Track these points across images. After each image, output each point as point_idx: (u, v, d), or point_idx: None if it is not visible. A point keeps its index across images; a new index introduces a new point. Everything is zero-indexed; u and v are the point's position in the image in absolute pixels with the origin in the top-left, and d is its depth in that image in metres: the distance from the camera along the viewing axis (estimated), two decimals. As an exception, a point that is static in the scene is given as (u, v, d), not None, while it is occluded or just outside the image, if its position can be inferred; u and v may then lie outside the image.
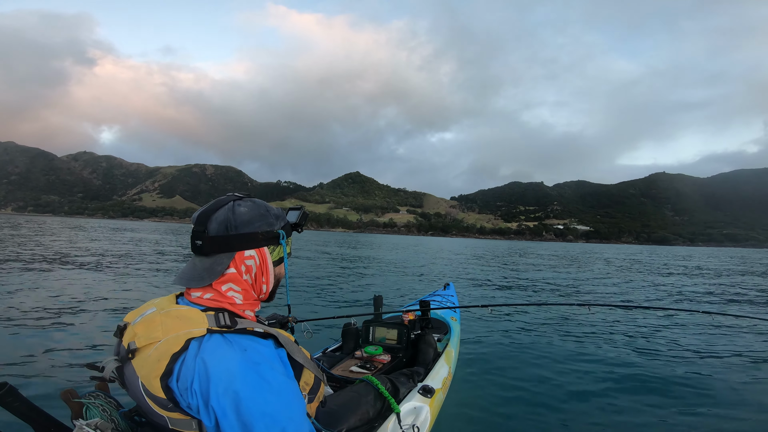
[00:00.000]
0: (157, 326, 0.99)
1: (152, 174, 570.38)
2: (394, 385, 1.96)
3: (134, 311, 1.11)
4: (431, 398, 2.10)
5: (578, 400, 3.39)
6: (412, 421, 1.87)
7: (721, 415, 3.20)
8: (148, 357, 0.96)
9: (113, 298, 6.81)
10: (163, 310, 1.04)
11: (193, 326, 0.98)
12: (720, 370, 4.28)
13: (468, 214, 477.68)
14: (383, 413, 1.73)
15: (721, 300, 10.00)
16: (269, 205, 1.20)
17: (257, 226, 1.12)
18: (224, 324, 1.01)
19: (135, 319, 1.05)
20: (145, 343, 0.97)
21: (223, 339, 0.97)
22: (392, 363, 2.51)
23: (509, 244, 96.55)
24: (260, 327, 1.04)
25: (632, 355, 4.73)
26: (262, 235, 1.12)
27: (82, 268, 10.29)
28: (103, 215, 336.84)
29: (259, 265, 1.13)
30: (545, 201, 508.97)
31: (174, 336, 0.96)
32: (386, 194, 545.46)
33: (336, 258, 19.08)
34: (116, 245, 19.51)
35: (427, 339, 2.70)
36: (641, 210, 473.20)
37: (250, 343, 0.98)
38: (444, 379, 2.49)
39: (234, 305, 1.09)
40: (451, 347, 2.99)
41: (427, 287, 9.93)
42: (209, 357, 0.92)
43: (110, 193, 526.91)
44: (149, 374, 0.94)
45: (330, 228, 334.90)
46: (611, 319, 6.78)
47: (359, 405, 1.65)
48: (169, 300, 1.12)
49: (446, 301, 4.18)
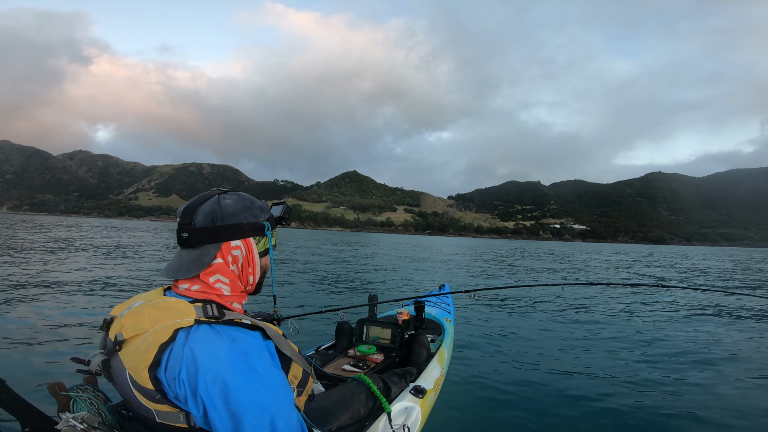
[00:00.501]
0: (145, 317, 0.99)
1: (148, 173, 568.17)
2: (386, 384, 1.96)
3: (121, 304, 1.11)
4: (423, 399, 2.10)
5: (571, 402, 3.40)
6: (402, 421, 1.87)
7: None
8: (135, 348, 0.95)
9: (102, 291, 6.78)
10: (150, 301, 1.05)
11: (181, 317, 0.98)
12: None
13: (465, 214, 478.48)
14: (374, 412, 1.74)
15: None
16: (254, 198, 1.22)
17: (243, 217, 1.14)
18: (212, 315, 1.02)
19: (122, 312, 1.05)
20: (133, 334, 0.97)
21: (211, 329, 0.97)
22: (385, 362, 2.51)
23: (506, 243, 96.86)
24: (248, 319, 1.05)
25: (631, 357, 4.74)
26: (247, 226, 1.14)
27: (72, 263, 10.25)
28: (99, 214, 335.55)
29: (245, 255, 1.15)
30: (542, 200, 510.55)
31: (162, 326, 0.96)
32: (383, 193, 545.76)
33: (331, 257, 19.05)
34: (109, 243, 19.42)
35: (420, 339, 2.70)
36: (637, 209, 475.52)
37: (239, 334, 0.99)
38: (436, 379, 2.49)
39: (222, 296, 1.11)
40: (444, 348, 2.99)
41: (422, 287, 9.92)
42: (197, 346, 0.92)
43: (106, 192, 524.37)
44: (137, 365, 0.94)
45: (327, 227, 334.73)
46: (612, 318, 6.86)
47: (351, 403, 1.65)
48: (157, 293, 1.13)
49: (441, 302, 4.19)
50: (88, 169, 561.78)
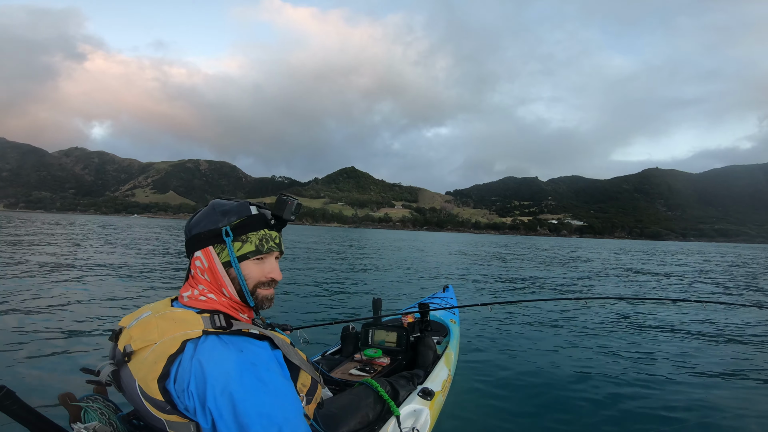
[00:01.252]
0: (153, 329, 1.00)
1: (145, 169, 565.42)
2: (393, 387, 1.95)
3: (129, 315, 1.11)
4: (431, 401, 2.10)
5: (580, 400, 3.39)
6: (411, 423, 1.87)
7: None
8: (144, 359, 0.96)
9: (110, 300, 6.77)
10: (158, 313, 1.05)
11: (188, 328, 0.98)
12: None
13: (463, 209, 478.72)
14: (383, 416, 1.73)
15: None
16: (228, 202, 1.16)
17: (202, 226, 1.12)
18: (220, 325, 1.02)
19: (130, 323, 1.06)
20: (142, 346, 0.98)
21: (218, 340, 0.97)
22: (392, 366, 2.50)
23: (505, 239, 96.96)
24: (255, 329, 1.05)
25: (637, 354, 4.76)
26: (203, 235, 1.12)
27: (79, 269, 10.21)
28: (95, 211, 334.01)
29: (207, 267, 1.12)
30: (539, 196, 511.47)
31: (170, 338, 0.96)
32: (381, 189, 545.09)
33: (333, 258, 19.05)
34: (111, 243, 19.36)
35: (426, 341, 2.69)
36: (634, 205, 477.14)
37: (246, 344, 0.99)
38: (444, 381, 2.48)
39: (226, 308, 1.11)
40: (450, 350, 3.00)
41: (425, 290, 9.93)
42: (205, 358, 0.92)
43: (102, 188, 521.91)
44: (146, 376, 0.94)
45: (325, 223, 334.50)
46: (611, 316, 6.84)
47: (359, 408, 1.65)
48: (164, 304, 1.13)
49: (445, 303, 4.18)
50: (84, 166, 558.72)
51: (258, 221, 1.15)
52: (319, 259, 16.90)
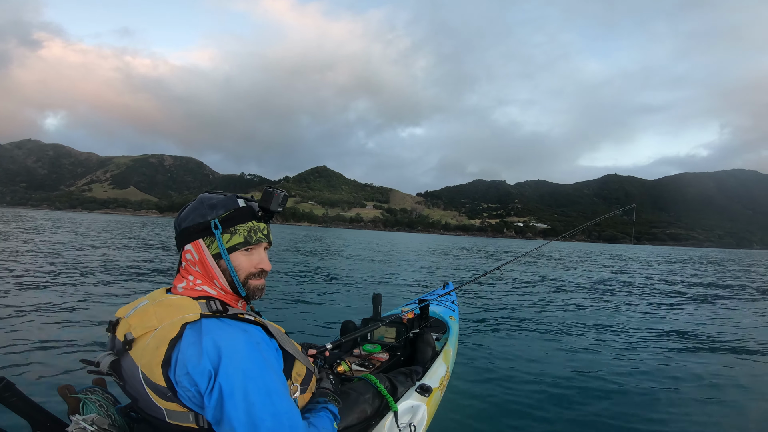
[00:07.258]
0: (152, 316, 1.01)
1: (104, 164, 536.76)
2: (392, 383, 1.96)
3: (125, 306, 1.13)
4: (429, 397, 2.11)
5: (579, 398, 3.41)
6: (409, 419, 1.88)
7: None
8: (146, 346, 0.97)
9: (105, 293, 6.79)
10: (155, 300, 1.07)
11: (186, 312, 1.00)
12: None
13: (433, 210, 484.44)
14: (381, 411, 1.74)
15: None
16: (216, 196, 1.19)
17: (191, 220, 1.14)
18: (216, 309, 1.04)
19: (128, 313, 1.07)
20: (142, 333, 0.99)
21: (220, 321, 1.00)
22: (390, 361, 2.51)
23: (473, 240, 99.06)
24: (251, 315, 1.08)
25: (637, 354, 4.88)
26: (192, 228, 1.14)
27: (70, 264, 9.99)
28: (49, 206, 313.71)
29: (198, 259, 1.14)
30: (507, 199, 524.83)
31: (169, 323, 0.97)
32: (353, 189, 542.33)
33: (320, 260, 19.03)
34: (98, 239, 18.67)
35: (425, 338, 2.70)
36: (594, 209, 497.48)
37: (248, 326, 1.02)
38: (442, 378, 2.49)
39: (221, 295, 1.14)
40: (449, 346, 3.02)
41: (426, 287, 10.01)
42: (217, 336, 0.94)
43: (57, 183, 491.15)
44: (150, 362, 0.95)
45: (295, 222, 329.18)
46: (612, 317, 7.08)
47: (357, 403, 1.65)
48: (160, 292, 1.16)
49: (445, 299, 4.28)
50: (38, 158, 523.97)
51: (246, 213, 1.17)
52: (300, 264, 16.89)
